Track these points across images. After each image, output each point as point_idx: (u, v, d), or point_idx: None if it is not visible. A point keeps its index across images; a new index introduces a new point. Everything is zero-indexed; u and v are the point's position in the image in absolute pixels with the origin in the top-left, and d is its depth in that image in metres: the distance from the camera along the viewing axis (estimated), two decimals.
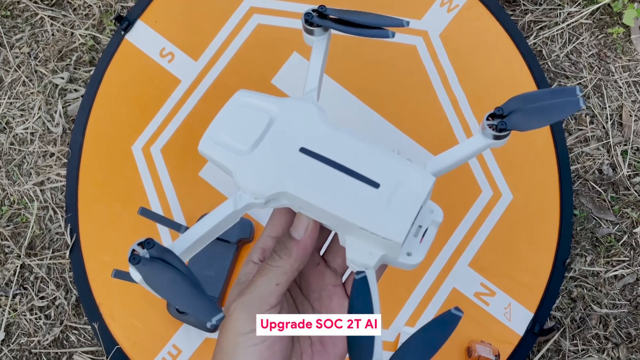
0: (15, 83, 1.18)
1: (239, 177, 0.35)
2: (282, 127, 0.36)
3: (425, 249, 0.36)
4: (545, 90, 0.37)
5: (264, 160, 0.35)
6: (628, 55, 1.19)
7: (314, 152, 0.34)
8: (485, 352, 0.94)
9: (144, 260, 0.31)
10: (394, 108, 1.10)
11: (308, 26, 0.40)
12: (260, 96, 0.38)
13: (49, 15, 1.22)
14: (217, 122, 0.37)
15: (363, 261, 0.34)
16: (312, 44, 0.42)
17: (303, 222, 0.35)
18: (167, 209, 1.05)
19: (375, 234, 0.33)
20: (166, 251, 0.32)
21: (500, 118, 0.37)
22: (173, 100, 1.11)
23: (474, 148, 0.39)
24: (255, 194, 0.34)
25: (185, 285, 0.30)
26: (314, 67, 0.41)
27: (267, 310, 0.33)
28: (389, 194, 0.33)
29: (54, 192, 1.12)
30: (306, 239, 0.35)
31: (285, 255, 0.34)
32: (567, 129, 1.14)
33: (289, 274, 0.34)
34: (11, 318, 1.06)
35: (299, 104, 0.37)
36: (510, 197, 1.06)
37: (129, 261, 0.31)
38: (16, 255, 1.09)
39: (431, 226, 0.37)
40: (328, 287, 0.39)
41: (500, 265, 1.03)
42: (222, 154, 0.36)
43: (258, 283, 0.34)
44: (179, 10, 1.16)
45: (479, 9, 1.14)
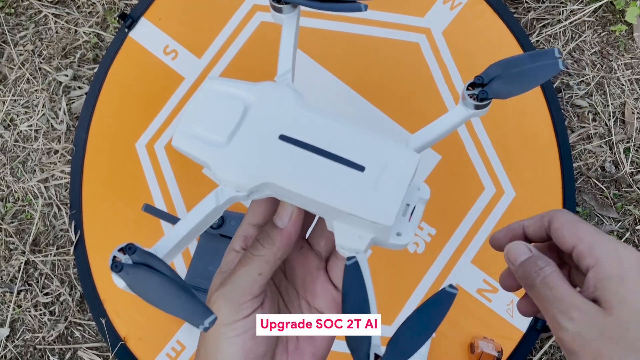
0: (20, 80, 1.19)
1: (219, 171, 0.33)
2: (259, 115, 0.34)
3: (414, 227, 0.34)
4: (525, 55, 0.36)
5: (243, 150, 0.33)
6: (630, 53, 1.19)
7: (295, 138, 0.33)
8: (488, 348, 0.94)
9: (127, 267, 0.29)
10: (397, 105, 1.10)
11: (276, 3, 0.38)
12: (232, 82, 0.36)
13: (52, 12, 1.22)
14: (189, 114, 0.35)
15: (353, 246, 0.33)
16: (282, 22, 0.39)
17: (287, 210, 0.34)
18: (170, 206, 1.06)
19: (365, 219, 0.31)
20: (149, 255, 0.30)
21: (481, 87, 0.36)
22: (177, 97, 1.11)
23: (456, 120, 0.38)
24: (237, 187, 0.33)
25: (172, 290, 0.28)
26: (285, 47, 0.38)
27: (250, 300, 0.33)
28: (375, 177, 0.32)
29: (58, 189, 1.12)
30: (290, 227, 0.34)
31: (268, 244, 0.33)
32: (570, 126, 1.15)
33: (272, 263, 0.33)
34: (16, 314, 1.07)
35: (274, 88, 0.35)
36: (512, 194, 1.06)
37: (111, 269, 0.30)
38: (21, 252, 1.09)
39: (419, 204, 0.35)
40: (312, 270, 0.38)
41: (502, 262, 1.03)
42: (198, 147, 0.34)
43: (240, 273, 0.33)
44: (183, 8, 1.16)
45: (482, 7, 1.14)
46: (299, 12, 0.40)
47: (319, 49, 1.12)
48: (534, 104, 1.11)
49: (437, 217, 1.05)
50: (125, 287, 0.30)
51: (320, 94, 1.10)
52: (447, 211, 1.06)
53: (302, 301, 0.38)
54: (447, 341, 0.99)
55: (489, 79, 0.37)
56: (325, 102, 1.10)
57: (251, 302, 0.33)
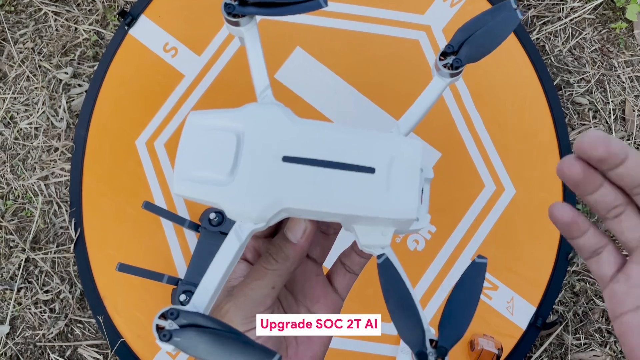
0: (20, 78, 1.19)
1: (232, 209, 0.32)
2: (254, 142, 0.33)
3: (426, 208, 0.35)
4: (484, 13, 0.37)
5: (250, 182, 0.32)
6: (631, 50, 1.19)
7: (298, 157, 0.32)
8: (488, 345, 0.94)
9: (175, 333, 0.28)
10: (397, 102, 1.10)
11: (231, 18, 0.37)
12: (215, 114, 0.34)
13: (52, 10, 1.22)
14: (182, 159, 0.33)
15: (378, 243, 0.33)
16: (242, 35, 0.38)
17: (300, 226, 0.34)
18: (170, 203, 1.06)
19: (389, 218, 0.32)
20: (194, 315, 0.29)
21: (452, 55, 0.37)
22: (177, 95, 1.11)
23: (435, 92, 0.38)
24: (254, 220, 0.32)
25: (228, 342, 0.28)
26: (256, 62, 0.37)
27: (262, 311, 0.33)
28: (386, 174, 0.32)
29: (58, 187, 1.12)
30: (303, 242, 0.34)
31: (281, 259, 0.34)
32: (570, 123, 1.15)
33: (285, 277, 0.34)
34: (16, 312, 1.07)
35: (260, 110, 0.34)
36: (513, 191, 1.06)
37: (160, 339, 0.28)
38: (21, 249, 1.09)
39: (425, 184, 0.35)
40: (311, 276, 0.39)
41: (503, 259, 1.03)
42: (203, 190, 0.32)
43: (253, 286, 0.34)
44: (183, 5, 1.16)
45: (482, 4, 1.14)
46: (255, 22, 0.38)
47: (319, 47, 1.12)
48: (534, 101, 1.11)
49: (437, 214, 1.05)
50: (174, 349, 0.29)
51: (321, 91, 1.10)
52: (447, 209, 1.06)
53: (301, 307, 0.38)
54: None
55: (458, 46, 0.36)
56: (326, 100, 1.10)
57: (263, 313, 0.34)
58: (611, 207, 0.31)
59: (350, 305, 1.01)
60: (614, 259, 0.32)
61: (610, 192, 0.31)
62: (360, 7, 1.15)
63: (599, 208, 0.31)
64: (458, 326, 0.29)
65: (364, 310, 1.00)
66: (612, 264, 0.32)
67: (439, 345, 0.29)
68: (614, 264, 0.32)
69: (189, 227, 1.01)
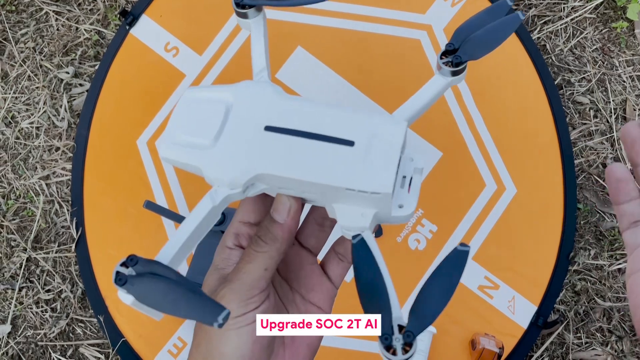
0: (21, 78, 1.19)
1: (210, 172, 0.33)
2: (241, 112, 0.34)
3: (414, 197, 0.34)
4: (482, 13, 0.37)
5: (231, 148, 0.33)
6: (632, 50, 1.19)
7: (280, 127, 0.33)
8: (489, 344, 0.95)
9: (132, 279, 0.29)
10: (398, 102, 1.10)
11: (240, 9, 0.38)
12: (210, 88, 0.36)
13: (53, 10, 1.22)
14: (173, 124, 0.35)
15: (357, 224, 0.33)
16: (249, 27, 0.40)
17: (285, 204, 0.34)
18: (172, 203, 1.06)
19: (364, 190, 0.31)
20: (152, 263, 0.30)
21: (453, 53, 0.37)
22: (178, 94, 1.11)
23: (436, 90, 0.38)
24: (230, 185, 0.32)
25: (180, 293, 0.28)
26: (257, 47, 0.39)
27: (258, 294, 0.33)
28: (366, 148, 0.32)
29: (59, 186, 1.12)
30: (290, 221, 0.34)
31: (270, 240, 0.34)
32: (571, 123, 1.15)
33: (277, 258, 0.34)
34: (17, 311, 1.07)
35: (252, 86, 0.35)
36: (514, 191, 1.06)
37: (115, 283, 0.29)
38: (22, 249, 1.09)
39: (415, 174, 0.35)
40: (306, 266, 0.39)
41: (504, 258, 1.04)
42: (186, 153, 0.33)
43: (246, 269, 0.34)
44: (184, 5, 1.16)
45: (483, 3, 1.14)
46: (264, 15, 0.40)
47: (320, 46, 1.12)
48: (535, 100, 1.11)
49: (438, 213, 1.05)
50: (134, 303, 0.29)
51: (322, 91, 1.10)
52: (448, 208, 1.06)
53: (296, 295, 0.39)
54: (448, 338, 0.99)
55: (459, 44, 0.37)
56: (327, 99, 1.10)
57: (259, 296, 0.34)
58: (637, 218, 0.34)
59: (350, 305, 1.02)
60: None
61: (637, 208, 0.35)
62: (362, 6, 1.15)
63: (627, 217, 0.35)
64: (429, 313, 0.29)
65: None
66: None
67: (406, 331, 0.29)
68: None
69: None
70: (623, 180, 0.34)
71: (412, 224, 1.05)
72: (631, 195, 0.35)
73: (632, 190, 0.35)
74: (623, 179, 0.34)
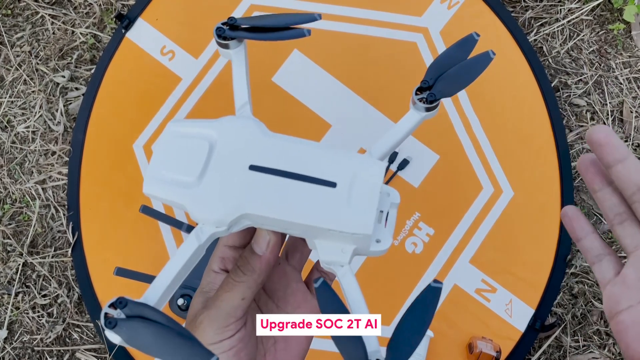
0: (17, 82, 1.19)
1: (195, 211, 0.33)
2: (225, 150, 0.35)
3: (390, 232, 0.35)
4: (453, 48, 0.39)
5: (216, 187, 0.34)
6: (629, 52, 1.19)
7: (264, 167, 0.34)
8: (486, 348, 0.94)
9: (121, 322, 0.29)
10: (395, 105, 1.10)
11: (222, 41, 0.39)
12: (193, 123, 0.36)
13: (49, 13, 1.22)
14: (156, 161, 0.35)
15: (337, 260, 0.34)
16: (230, 57, 0.40)
17: (264, 238, 0.35)
18: (168, 207, 1.06)
19: (344, 232, 0.33)
20: (141, 306, 0.30)
21: (428, 90, 0.38)
22: (174, 98, 1.11)
23: (410, 124, 0.39)
24: (216, 223, 0.33)
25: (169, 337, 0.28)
26: (239, 80, 0.39)
27: (234, 322, 0.34)
28: (347, 190, 0.33)
29: (55, 191, 1.12)
30: (269, 254, 0.35)
31: (248, 271, 0.35)
32: (568, 125, 1.14)
33: (254, 288, 0.35)
34: (14, 316, 1.07)
35: (235, 122, 0.36)
36: (511, 193, 1.06)
37: (105, 326, 0.29)
38: (18, 254, 1.09)
39: (391, 209, 0.36)
40: (291, 283, 0.40)
41: (501, 261, 1.03)
42: (171, 191, 0.34)
43: (223, 298, 0.34)
44: (180, 8, 1.16)
45: (480, 6, 1.14)
46: (245, 45, 0.40)
47: (316, 49, 1.12)
48: (531, 103, 1.11)
49: (435, 217, 1.05)
50: (122, 342, 0.30)
51: (318, 94, 1.10)
52: (445, 211, 1.06)
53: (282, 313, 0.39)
54: (445, 341, 0.99)
55: (433, 81, 0.38)
56: (323, 103, 1.10)
57: (235, 324, 0.34)
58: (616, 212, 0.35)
59: None
60: (614, 264, 0.35)
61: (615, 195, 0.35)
62: (358, 9, 1.15)
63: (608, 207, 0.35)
64: (406, 348, 0.30)
65: None
66: (612, 270, 0.35)
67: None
68: (613, 270, 0.35)
69: (187, 231, 1.01)
70: (574, 218, 0.36)
71: (409, 227, 1.04)
72: (585, 230, 0.36)
73: (586, 225, 0.36)
74: (574, 217, 0.36)
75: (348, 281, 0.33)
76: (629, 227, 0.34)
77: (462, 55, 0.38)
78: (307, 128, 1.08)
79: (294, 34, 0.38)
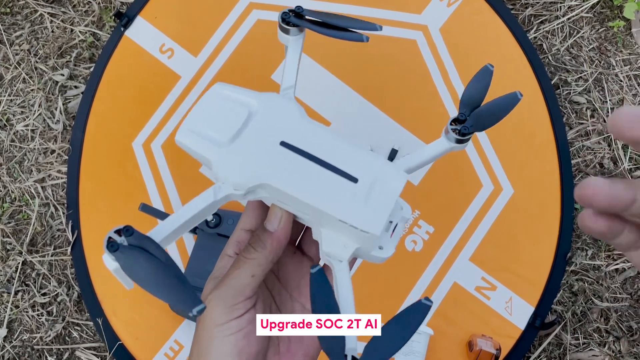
0: (16, 80, 1.18)
1: (220, 169, 0.35)
2: (262, 121, 0.36)
3: (395, 243, 0.36)
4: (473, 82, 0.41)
5: (245, 152, 0.35)
6: (629, 49, 1.19)
7: (295, 146, 0.35)
8: (486, 346, 0.94)
9: (123, 248, 0.30)
10: (394, 102, 1.10)
11: (285, 25, 0.41)
12: (239, 89, 0.38)
13: (48, 12, 1.22)
14: (195, 114, 0.37)
15: (337, 254, 0.34)
16: (287, 43, 0.42)
17: (276, 215, 0.35)
18: (167, 205, 1.05)
19: (354, 226, 0.33)
20: (147, 239, 0.31)
21: (462, 123, 0.40)
22: (173, 96, 1.11)
23: (438, 151, 0.40)
24: (235, 185, 0.34)
25: (166, 275, 0.29)
26: (290, 65, 0.41)
27: (243, 301, 0.34)
28: (367, 188, 0.34)
29: (55, 189, 1.12)
30: (280, 231, 0.35)
31: (259, 247, 0.35)
32: (568, 122, 1.14)
33: (264, 266, 0.35)
34: (13, 315, 1.07)
35: (278, 99, 0.37)
36: (511, 191, 1.06)
37: (106, 248, 0.30)
38: (18, 252, 1.09)
39: (400, 222, 0.37)
40: (306, 275, 0.39)
41: (501, 259, 1.03)
42: (202, 144, 0.35)
43: (233, 275, 0.34)
44: (179, 6, 1.16)
45: (479, 3, 1.14)
46: (304, 35, 0.42)
47: (316, 48, 1.12)
48: (532, 100, 1.11)
49: (435, 214, 1.05)
50: (117, 269, 0.30)
51: (318, 92, 1.10)
52: (445, 209, 1.06)
53: (296, 303, 0.39)
54: (445, 339, 0.99)
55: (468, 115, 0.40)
56: (323, 100, 1.09)
57: (244, 303, 0.34)
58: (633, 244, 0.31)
59: None
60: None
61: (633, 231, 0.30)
62: (357, 7, 1.14)
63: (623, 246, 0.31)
64: (383, 351, 0.30)
65: (363, 310, 1.00)
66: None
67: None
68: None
69: None
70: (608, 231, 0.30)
71: (409, 225, 1.04)
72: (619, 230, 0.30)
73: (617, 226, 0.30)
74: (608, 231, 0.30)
75: (343, 277, 0.33)
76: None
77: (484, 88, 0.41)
78: None
79: (353, 36, 0.39)
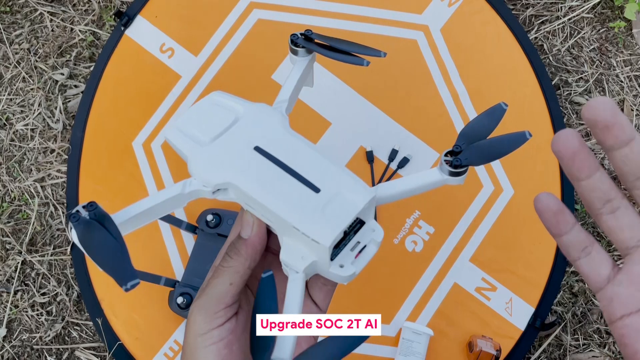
0: (15, 79, 1.18)
1: (192, 164, 0.36)
2: (243, 126, 0.38)
3: (359, 264, 0.36)
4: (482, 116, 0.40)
5: (219, 152, 0.37)
6: (629, 50, 1.19)
7: (267, 151, 0.36)
8: (486, 346, 0.94)
9: (82, 220, 0.32)
10: (395, 103, 1.10)
11: (294, 47, 0.43)
12: (233, 98, 0.40)
13: (48, 11, 1.21)
14: (187, 117, 0.39)
15: (294, 263, 0.35)
16: (294, 63, 0.44)
17: (248, 222, 0.36)
18: None
19: (306, 234, 0.33)
20: (106, 217, 0.33)
21: (457, 154, 0.38)
22: (173, 95, 1.11)
23: (427, 181, 0.39)
24: (204, 182, 0.36)
25: (113, 250, 0.31)
26: (290, 82, 0.43)
27: (223, 309, 0.34)
28: (327, 199, 0.35)
29: (54, 189, 1.12)
30: (253, 237, 0.36)
31: (235, 255, 0.35)
32: (569, 123, 1.14)
33: (242, 273, 0.35)
34: (13, 314, 1.06)
35: (266, 109, 0.39)
36: (511, 192, 1.06)
37: (69, 218, 0.32)
38: (17, 252, 1.09)
39: (370, 244, 0.37)
40: None
41: (501, 260, 1.03)
42: (184, 141, 0.38)
43: (213, 284, 0.35)
44: (179, 6, 1.15)
45: (480, 3, 1.14)
46: (313, 58, 0.44)
47: None
48: (532, 100, 1.11)
49: (435, 215, 1.05)
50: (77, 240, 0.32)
51: (318, 92, 1.10)
52: (445, 209, 1.06)
53: None
54: (445, 340, 0.99)
55: (464, 147, 0.38)
56: (323, 101, 1.09)
57: (224, 311, 0.34)
58: (606, 199, 0.29)
59: (350, 305, 1.01)
60: (605, 258, 0.31)
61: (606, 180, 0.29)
62: (358, 7, 1.14)
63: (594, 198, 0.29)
64: None
65: (364, 310, 1.00)
66: (607, 265, 0.30)
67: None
68: (609, 265, 0.30)
69: (186, 229, 1.01)
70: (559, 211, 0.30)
71: (409, 226, 1.04)
72: (571, 222, 0.30)
73: (570, 217, 0.30)
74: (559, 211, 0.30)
75: (294, 288, 0.34)
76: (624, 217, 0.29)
77: (492, 124, 0.40)
78: (306, 126, 1.08)
79: (354, 60, 0.41)
